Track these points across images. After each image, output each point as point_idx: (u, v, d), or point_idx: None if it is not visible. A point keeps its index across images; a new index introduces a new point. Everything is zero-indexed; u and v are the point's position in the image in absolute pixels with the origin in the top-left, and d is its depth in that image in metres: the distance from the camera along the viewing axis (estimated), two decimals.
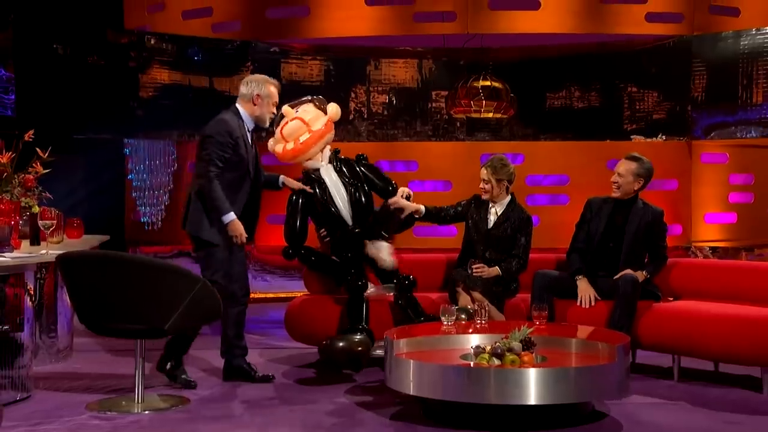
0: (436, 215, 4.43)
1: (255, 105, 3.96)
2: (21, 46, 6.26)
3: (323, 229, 4.27)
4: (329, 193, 4.19)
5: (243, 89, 4.00)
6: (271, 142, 4.33)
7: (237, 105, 4.00)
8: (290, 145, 4.19)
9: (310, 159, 4.22)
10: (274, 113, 4.05)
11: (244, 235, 3.88)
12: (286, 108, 4.25)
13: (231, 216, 3.84)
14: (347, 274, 4.15)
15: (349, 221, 4.21)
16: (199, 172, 3.85)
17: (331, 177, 4.22)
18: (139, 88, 6.42)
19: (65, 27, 6.32)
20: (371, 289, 4.17)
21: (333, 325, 4.19)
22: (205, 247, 3.87)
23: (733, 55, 6.25)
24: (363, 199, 4.24)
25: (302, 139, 4.17)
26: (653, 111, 6.73)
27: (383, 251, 4.18)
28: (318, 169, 4.23)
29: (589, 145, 6.46)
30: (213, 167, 3.80)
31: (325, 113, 4.27)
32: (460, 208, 4.46)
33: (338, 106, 4.35)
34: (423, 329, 3.81)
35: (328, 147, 4.29)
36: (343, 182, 4.22)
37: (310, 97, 4.36)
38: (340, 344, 3.85)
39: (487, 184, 4.36)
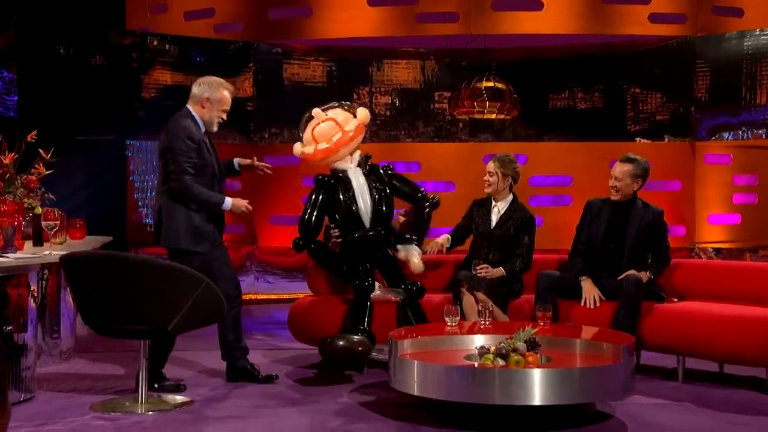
0: (455, 240, 4.49)
1: (203, 108, 3.86)
2: (23, 47, 6.25)
3: (336, 230, 4.27)
4: (353, 193, 4.20)
5: (195, 90, 3.90)
6: (298, 145, 4.33)
7: (188, 107, 3.90)
8: (322, 145, 4.21)
9: (338, 160, 4.24)
10: (223, 119, 3.93)
11: (247, 203, 3.88)
12: (316, 111, 4.28)
13: (227, 200, 3.83)
14: (356, 274, 4.15)
15: (367, 224, 4.22)
16: (177, 185, 3.76)
17: (358, 179, 4.23)
18: (141, 89, 6.42)
19: (68, 28, 6.31)
20: (377, 291, 4.17)
21: (337, 326, 4.17)
22: (183, 255, 3.77)
23: (737, 56, 6.24)
24: (384, 207, 4.27)
25: (335, 138, 4.20)
26: (656, 112, 6.71)
27: (415, 255, 4.23)
28: (346, 171, 4.25)
29: (592, 146, 6.46)
30: (187, 175, 3.74)
31: (355, 116, 4.30)
32: (466, 219, 4.49)
33: (367, 110, 4.40)
34: (427, 330, 3.80)
35: (358, 151, 4.31)
36: (369, 186, 4.24)
37: (337, 103, 4.41)
38: (340, 343, 3.85)
39: (492, 176, 4.37)
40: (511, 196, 4.41)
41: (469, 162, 6.35)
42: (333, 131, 4.20)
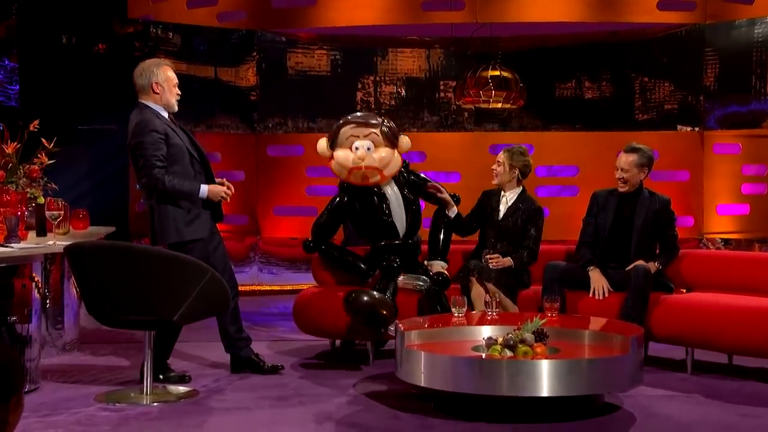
0: (458, 224, 4.42)
1: (157, 93, 3.74)
2: (25, 36, 6.20)
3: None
4: (388, 204, 4.18)
5: (139, 81, 3.74)
6: (325, 146, 4.19)
7: (141, 100, 3.77)
8: (358, 175, 4.14)
9: None
10: (179, 94, 3.81)
11: (227, 189, 3.78)
12: (362, 151, 4.10)
13: (203, 188, 3.72)
14: (373, 272, 4.16)
15: (401, 235, 4.22)
16: (148, 181, 3.66)
17: (393, 189, 4.22)
18: None
19: (70, 16, 6.26)
20: (403, 277, 4.16)
21: (342, 317, 4.15)
22: (182, 248, 3.69)
23: (747, 44, 6.17)
24: (416, 221, 4.27)
25: (372, 180, 4.17)
26: (665, 101, 6.65)
27: (442, 270, 4.26)
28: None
29: (600, 135, 6.41)
30: (157, 169, 3.63)
31: (392, 145, 4.16)
32: (476, 208, 4.47)
33: (410, 141, 4.27)
34: (434, 321, 3.77)
35: None
36: (403, 197, 4.23)
37: (377, 121, 4.21)
38: (365, 298, 3.84)
39: (499, 166, 4.37)
40: (519, 188, 4.40)
41: (474, 152, 6.31)
42: (372, 173, 4.12)
